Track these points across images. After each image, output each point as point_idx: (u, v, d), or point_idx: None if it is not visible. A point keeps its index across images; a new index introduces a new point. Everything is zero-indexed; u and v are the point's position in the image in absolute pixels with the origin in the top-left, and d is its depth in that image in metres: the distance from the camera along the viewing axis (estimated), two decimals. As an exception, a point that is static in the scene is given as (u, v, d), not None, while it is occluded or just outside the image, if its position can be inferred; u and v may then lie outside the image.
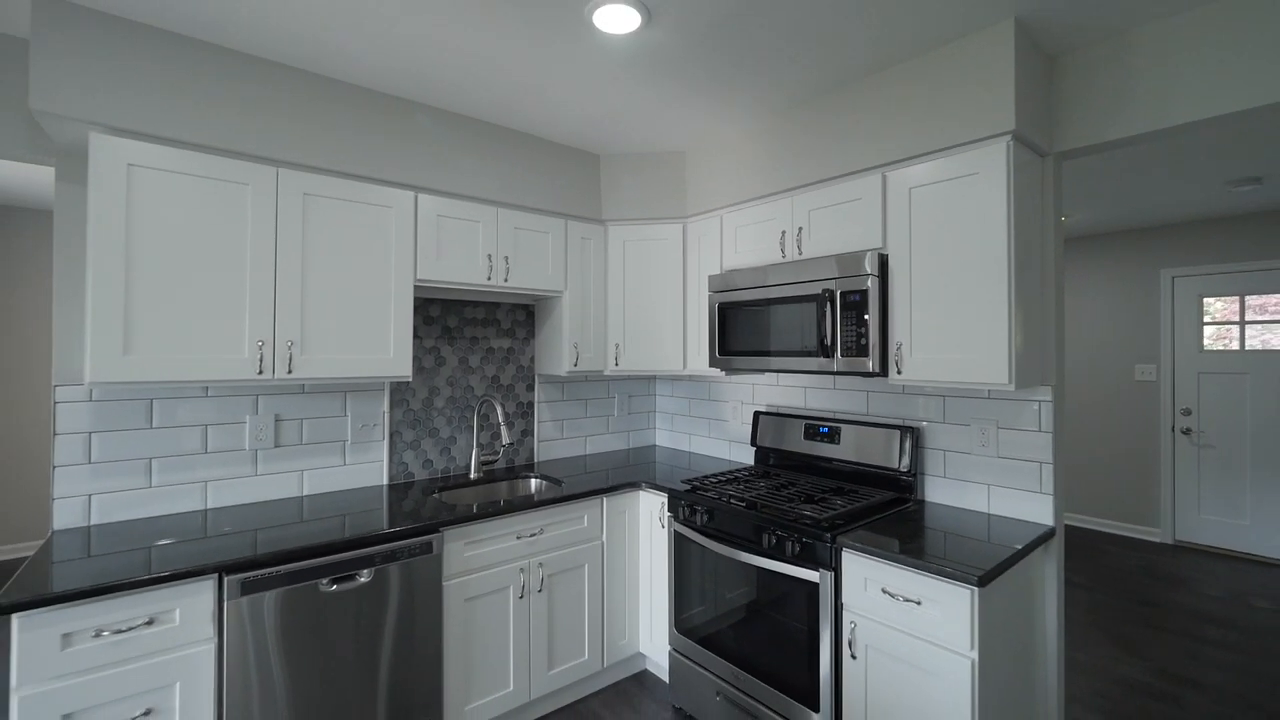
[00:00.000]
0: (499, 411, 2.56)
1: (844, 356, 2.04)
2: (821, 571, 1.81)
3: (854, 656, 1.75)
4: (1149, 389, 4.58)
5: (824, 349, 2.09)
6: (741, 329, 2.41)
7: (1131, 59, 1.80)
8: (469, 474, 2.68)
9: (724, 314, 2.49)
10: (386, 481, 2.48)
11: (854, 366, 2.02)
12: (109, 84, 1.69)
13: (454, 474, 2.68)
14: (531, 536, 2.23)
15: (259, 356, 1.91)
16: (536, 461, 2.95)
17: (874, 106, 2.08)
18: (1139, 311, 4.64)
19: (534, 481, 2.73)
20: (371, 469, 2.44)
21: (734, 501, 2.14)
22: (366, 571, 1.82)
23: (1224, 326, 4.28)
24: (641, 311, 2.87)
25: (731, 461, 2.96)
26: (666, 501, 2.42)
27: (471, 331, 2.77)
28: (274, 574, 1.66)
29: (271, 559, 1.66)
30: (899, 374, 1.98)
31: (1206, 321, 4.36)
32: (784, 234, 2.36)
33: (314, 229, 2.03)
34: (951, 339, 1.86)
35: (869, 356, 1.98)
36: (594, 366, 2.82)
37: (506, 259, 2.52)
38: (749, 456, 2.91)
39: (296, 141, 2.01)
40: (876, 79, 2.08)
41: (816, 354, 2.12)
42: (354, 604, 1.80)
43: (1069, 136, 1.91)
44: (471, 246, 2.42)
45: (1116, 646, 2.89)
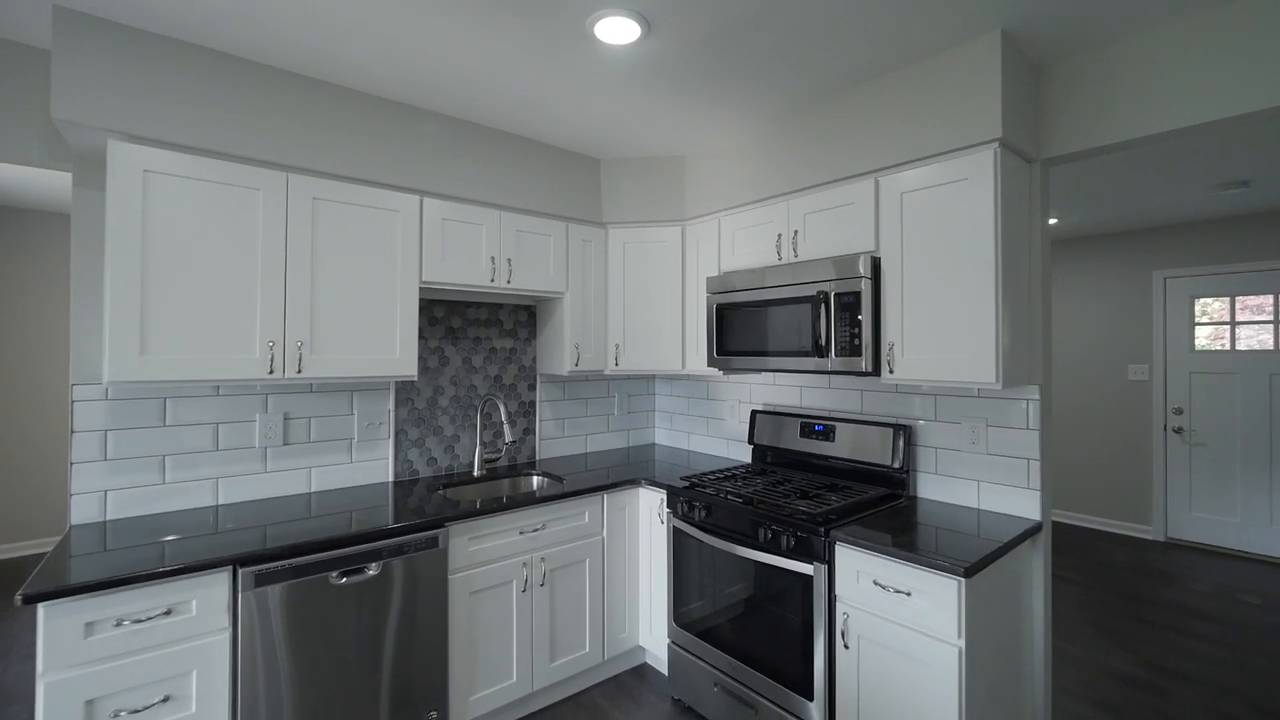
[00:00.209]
0: (502, 410, 2.62)
1: (838, 356, 2.10)
2: (815, 564, 1.87)
3: (847, 646, 1.81)
4: (1142, 389, 4.64)
5: (819, 349, 2.15)
6: (739, 330, 2.47)
7: (1114, 69, 1.86)
8: (473, 471, 2.74)
9: (722, 315, 2.55)
10: (392, 479, 2.54)
11: (848, 366, 2.08)
12: (126, 93, 1.75)
13: (458, 471, 2.74)
14: (534, 532, 2.29)
15: (270, 356, 1.97)
16: (538, 459, 3.01)
17: (866, 114, 2.15)
18: (1132, 312, 4.71)
19: (536, 479, 2.79)
20: (377, 466, 2.50)
21: (731, 497, 2.20)
22: (375, 565, 1.88)
23: (1221, 327, 4.34)
24: (641, 312, 2.93)
25: (729, 459, 3.02)
26: (665, 498, 2.48)
27: (475, 332, 2.83)
28: (286, 566, 1.72)
29: (283, 552, 1.72)
30: (891, 373, 2.04)
31: (1203, 322, 4.42)
32: (780, 237, 2.42)
33: (323, 232, 2.09)
34: (941, 339, 1.92)
35: (862, 356, 2.04)
36: (594, 366, 2.88)
37: (509, 261, 2.58)
38: (746, 454, 2.97)
39: (306, 147, 2.07)
40: (869, 87, 2.14)
41: (812, 354, 2.18)
42: (362, 596, 1.86)
43: (1055, 143, 1.98)
44: (475, 249, 2.48)
45: (1105, 640, 2.95)
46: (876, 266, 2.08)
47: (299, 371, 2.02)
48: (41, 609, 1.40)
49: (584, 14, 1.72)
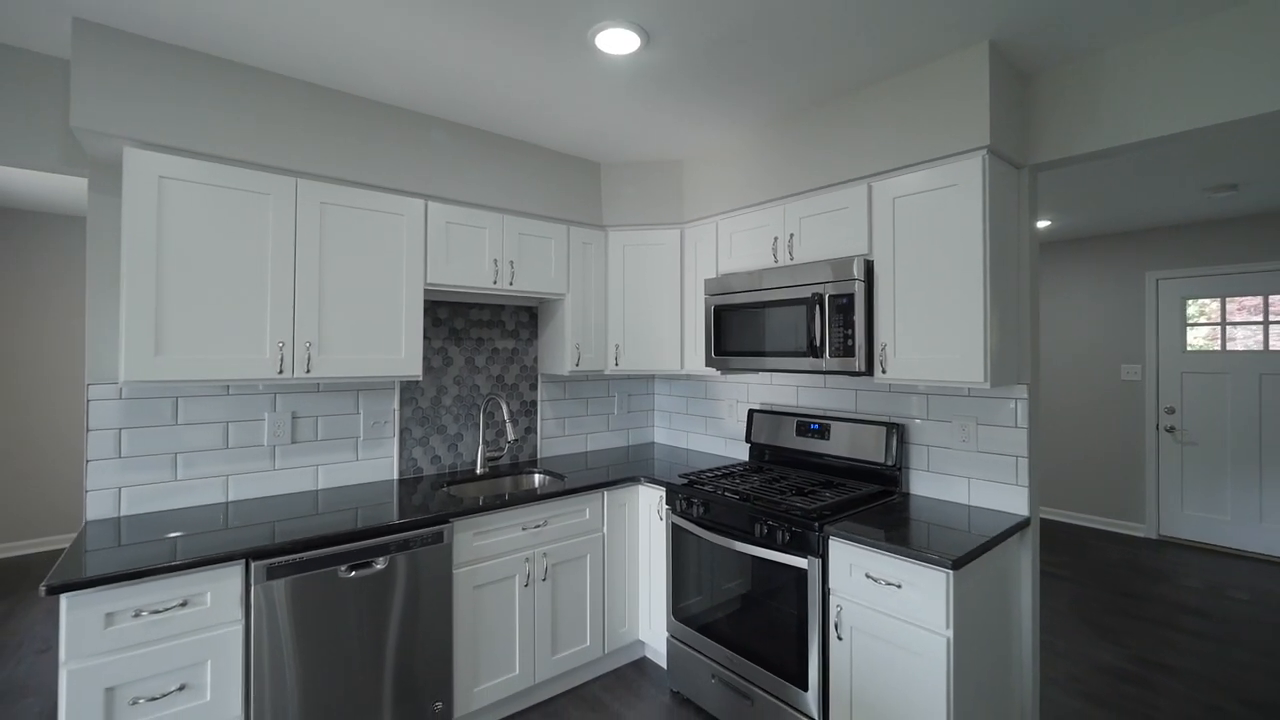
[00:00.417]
0: (504, 409, 2.67)
1: (833, 357, 2.16)
2: (810, 558, 1.93)
3: (840, 638, 1.86)
4: (1135, 388, 4.70)
5: (814, 350, 2.21)
6: (736, 330, 2.53)
7: (1098, 79, 1.92)
8: (475, 469, 2.79)
9: (720, 316, 2.61)
10: (397, 476, 2.60)
11: (842, 366, 2.13)
12: (142, 101, 1.80)
13: (461, 469, 2.80)
14: (536, 528, 2.35)
15: (279, 357, 2.02)
16: (540, 458, 3.07)
17: (859, 121, 2.20)
18: (1125, 313, 4.77)
19: (538, 476, 2.84)
20: (382, 464, 2.56)
21: (728, 494, 2.26)
22: (382, 559, 1.94)
23: (1216, 327, 4.40)
24: (640, 313, 2.99)
25: (727, 458, 3.08)
26: (665, 495, 2.54)
27: (478, 333, 2.89)
28: (297, 560, 1.78)
29: (294, 546, 1.77)
30: (883, 373, 2.09)
31: (1202, 322, 4.48)
32: (776, 240, 2.48)
33: (330, 236, 2.14)
34: (932, 340, 1.98)
35: (855, 357, 2.10)
36: (595, 366, 2.94)
37: (511, 263, 2.63)
38: (744, 453, 3.03)
39: (315, 153, 2.12)
40: (861, 95, 2.20)
41: (807, 354, 2.24)
42: (370, 589, 1.92)
43: (1042, 150, 2.04)
44: (478, 251, 2.54)
45: (1096, 634, 3.01)
46: (870, 269, 2.14)
47: (307, 371, 2.08)
48: (64, 599, 1.46)
49: (586, 26, 1.78)
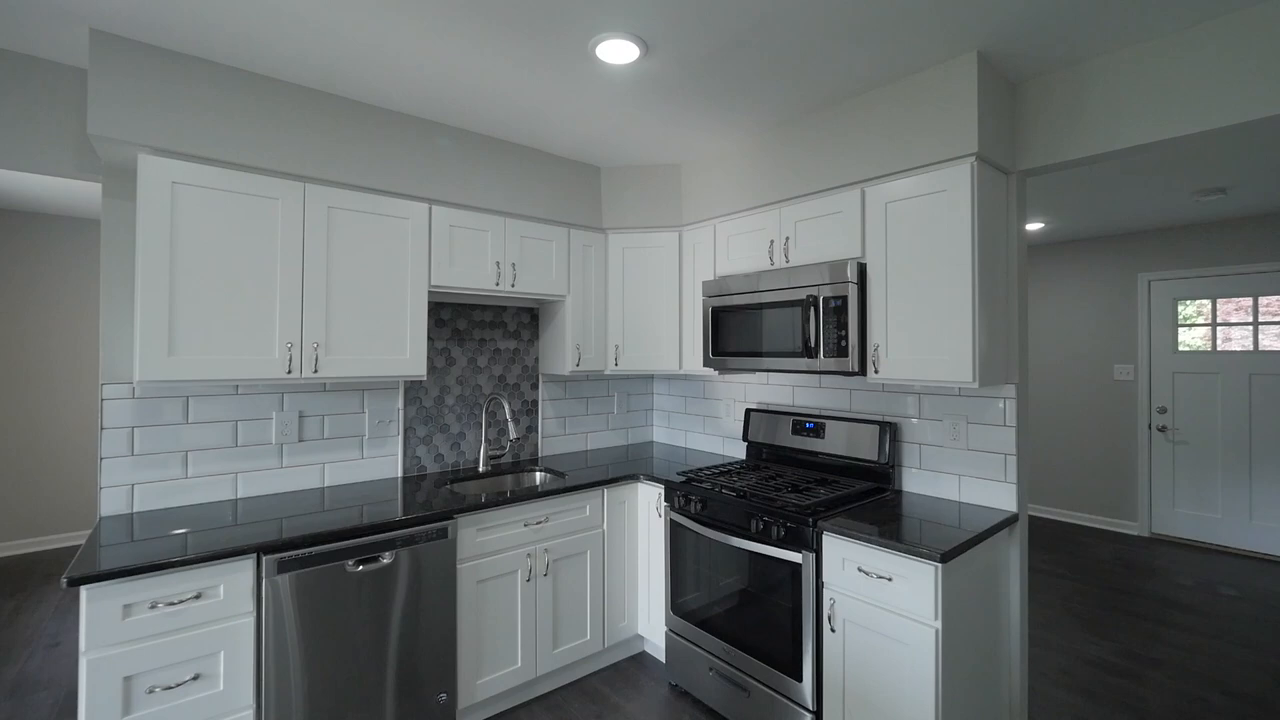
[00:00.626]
0: (506, 409, 2.73)
1: (827, 357, 2.22)
2: (804, 553, 1.99)
3: (833, 630, 1.92)
4: (1127, 388, 4.77)
5: (809, 350, 2.27)
6: (734, 331, 2.59)
7: (1084, 87, 1.98)
8: (478, 467, 2.85)
9: (717, 317, 2.67)
10: (401, 474, 2.65)
11: (836, 366, 2.19)
12: (157, 109, 1.86)
13: (464, 467, 2.85)
14: (537, 524, 2.40)
15: (288, 357, 2.08)
16: (541, 456, 3.13)
17: (853, 127, 2.26)
18: (1117, 314, 4.84)
19: (539, 474, 2.90)
20: (387, 462, 2.61)
21: (725, 491, 2.31)
22: (388, 554, 1.99)
23: (1211, 328, 4.46)
24: (640, 315, 3.05)
25: (725, 456, 3.14)
26: (663, 492, 2.60)
27: (480, 333, 2.94)
28: (306, 554, 1.83)
29: (304, 541, 1.83)
30: (876, 373, 2.15)
31: (1197, 323, 4.53)
32: (773, 243, 2.54)
33: (337, 239, 2.20)
34: (922, 341, 2.04)
35: (849, 357, 2.16)
36: (595, 366, 3.00)
37: (513, 265, 2.69)
38: (741, 451, 3.09)
39: (321, 159, 2.18)
40: (855, 102, 2.26)
41: (802, 355, 2.30)
42: (377, 583, 1.97)
43: (1029, 156, 2.10)
44: (481, 254, 2.59)
45: (1086, 630, 3.07)
46: (863, 272, 2.20)
47: (315, 371, 2.14)
48: (84, 591, 1.51)
49: (586, 37, 1.84)
